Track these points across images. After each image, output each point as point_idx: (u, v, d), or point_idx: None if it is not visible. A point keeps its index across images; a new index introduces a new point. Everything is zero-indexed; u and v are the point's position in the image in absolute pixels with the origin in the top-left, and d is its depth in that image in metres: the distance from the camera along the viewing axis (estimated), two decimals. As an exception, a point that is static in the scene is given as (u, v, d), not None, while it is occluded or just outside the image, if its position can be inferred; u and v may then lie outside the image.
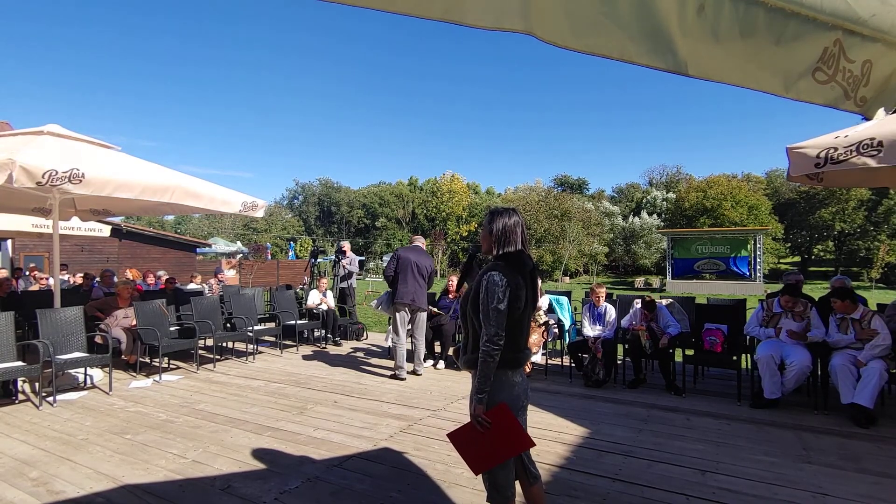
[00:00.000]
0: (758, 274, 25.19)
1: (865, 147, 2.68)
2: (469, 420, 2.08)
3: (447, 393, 5.24)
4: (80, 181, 4.38)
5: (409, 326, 6.06)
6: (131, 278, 10.37)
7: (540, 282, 5.96)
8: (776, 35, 1.56)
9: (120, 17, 79.66)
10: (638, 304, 5.72)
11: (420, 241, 6.36)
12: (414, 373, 6.02)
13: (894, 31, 1.62)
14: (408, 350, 6.19)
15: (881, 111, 1.78)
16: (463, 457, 2.11)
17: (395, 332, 5.91)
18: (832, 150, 2.81)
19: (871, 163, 2.66)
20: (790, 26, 1.55)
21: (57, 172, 4.22)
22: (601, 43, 1.49)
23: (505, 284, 1.99)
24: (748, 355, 5.04)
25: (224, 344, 7.44)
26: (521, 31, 1.40)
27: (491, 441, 2.02)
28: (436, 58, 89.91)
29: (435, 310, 6.70)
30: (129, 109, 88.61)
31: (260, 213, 6.30)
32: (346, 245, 8.95)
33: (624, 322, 5.76)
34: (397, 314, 5.88)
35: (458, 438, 2.12)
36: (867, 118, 1.88)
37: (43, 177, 4.13)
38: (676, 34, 1.49)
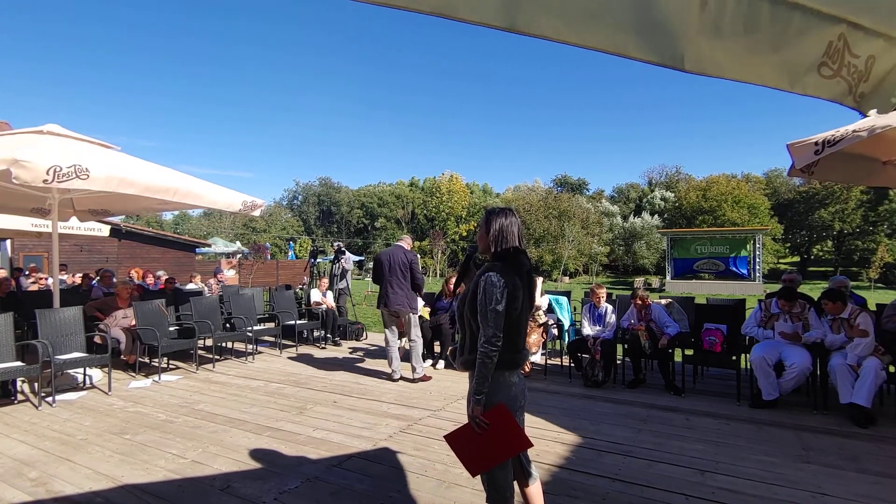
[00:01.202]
0: (757, 274, 25.22)
1: (861, 128, 2.73)
2: (467, 421, 2.07)
3: (446, 393, 5.24)
4: (87, 177, 4.31)
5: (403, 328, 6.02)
6: (135, 278, 10.35)
7: (540, 281, 5.95)
8: (781, 30, 1.53)
9: (119, 14, 79.71)
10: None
11: (402, 241, 6.01)
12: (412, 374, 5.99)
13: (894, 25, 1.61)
14: (406, 350, 6.19)
15: (872, 113, 1.77)
16: (460, 459, 2.08)
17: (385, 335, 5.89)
18: (830, 137, 2.87)
19: (864, 133, 2.71)
20: (794, 20, 1.53)
21: (61, 168, 4.13)
22: (597, 37, 1.45)
23: (503, 285, 1.97)
24: (747, 355, 5.04)
25: (223, 344, 7.43)
26: (503, 28, 1.35)
27: (489, 442, 2.00)
28: (436, 55, 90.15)
29: (429, 310, 6.68)
30: (129, 109, 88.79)
31: (258, 213, 6.28)
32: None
33: (622, 322, 5.76)
34: (383, 318, 5.88)
35: (456, 440, 2.09)
36: (864, 115, 1.88)
37: (48, 173, 4.02)
38: (679, 29, 1.46)
